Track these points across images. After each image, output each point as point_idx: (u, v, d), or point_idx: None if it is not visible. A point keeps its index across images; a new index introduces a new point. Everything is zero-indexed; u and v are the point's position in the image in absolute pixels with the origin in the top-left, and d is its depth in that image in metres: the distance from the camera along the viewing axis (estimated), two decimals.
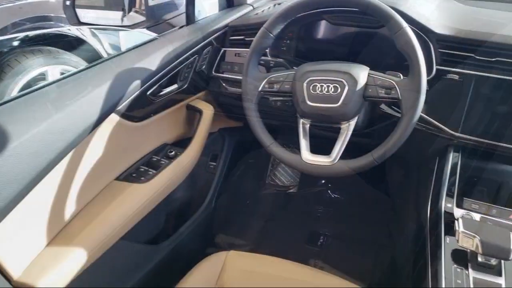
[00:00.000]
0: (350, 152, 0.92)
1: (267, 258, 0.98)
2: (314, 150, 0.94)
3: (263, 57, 1.05)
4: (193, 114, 1.29)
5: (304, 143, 0.94)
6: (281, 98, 1.00)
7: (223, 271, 0.95)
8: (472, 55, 0.95)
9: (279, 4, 1.30)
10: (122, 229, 0.96)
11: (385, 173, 1.76)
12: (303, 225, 1.70)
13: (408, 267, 1.11)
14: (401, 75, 0.89)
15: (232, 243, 1.61)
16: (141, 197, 1.01)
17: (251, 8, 1.39)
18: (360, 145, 1.01)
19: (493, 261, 0.79)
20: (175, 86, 1.14)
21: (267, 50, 1.12)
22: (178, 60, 1.11)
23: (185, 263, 1.03)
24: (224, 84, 1.28)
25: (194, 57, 1.17)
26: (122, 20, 1.40)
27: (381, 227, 1.65)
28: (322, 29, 1.15)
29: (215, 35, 1.23)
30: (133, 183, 1.02)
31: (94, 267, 0.90)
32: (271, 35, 0.94)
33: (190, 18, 1.24)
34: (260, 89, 0.96)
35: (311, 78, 0.90)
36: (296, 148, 1.78)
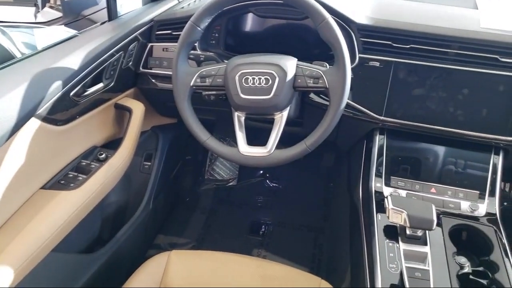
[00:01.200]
0: (285, 141, 0.95)
1: (210, 253, 0.98)
2: (251, 141, 0.95)
3: (192, 51, 1.03)
4: (123, 113, 1.23)
5: (240, 136, 0.95)
6: (214, 92, 0.99)
7: (166, 273, 0.93)
8: (390, 42, 1.02)
9: None
10: (52, 240, 0.89)
11: (318, 159, 1.84)
12: (244, 216, 1.72)
13: (345, 246, 1.17)
14: (327, 65, 0.92)
15: (174, 242, 1.58)
16: (71, 205, 0.95)
17: (176, 1, 1.36)
18: (294, 134, 1.04)
19: (420, 232, 0.86)
20: (100, 85, 1.08)
21: (196, 44, 1.11)
22: (102, 58, 1.05)
23: (125, 269, 0.99)
24: (153, 80, 1.24)
25: (119, 54, 1.12)
26: (35, 16, 1.29)
27: (318, 211, 1.73)
28: (250, 21, 1.16)
29: (140, 30, 1.18)
30: (61, 190, 0.95)
31: (23, 285, 0.83)
32: (199, 28, 0.93)
33: (112, 13, 1.18)
34: (191, 84, 0.95)
35: (242, 71, 0.90)
36: (233, 141, 1.80)
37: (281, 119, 0.93)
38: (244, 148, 0.93)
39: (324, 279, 0.91)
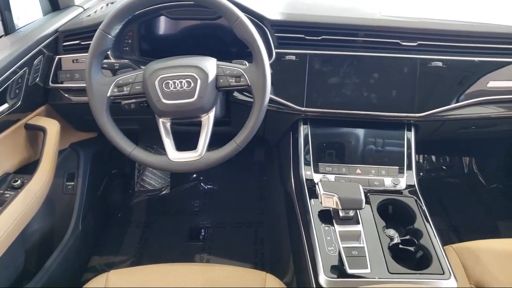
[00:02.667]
0: (216, 142, 0.94)
1: (150, 267, 0.94)
2: (180, 146, 0.93)
3: (105, 60, 0.98)
4: (36, 133, 1.13)
5: (168, 142, 0.92)
6: (134, 100, 0.95)
7: None
8: (303, 36, 1.06)
9: (112, 3, 1.22)
10: None
11: (250, 155, 1.86)
12: (182, 223, 1.68)
13: (285, 236, 1.20)
14: (246, 63, 0.93)
15: (111, 262, 1.49)
16: None
17: (81, 9, 1.28)
18: (223, 133, 1.04)
19: (351, 213, 0.92)
20: (5, 106, 0.98)
21: (109, 52, 1.05)
22: (3, 76, 0.95)
23: None
24: (66, 95, 1.16)
25: (23, 70, 1.02)
26: None
27: (255, 206, 1.75)
28: (163, 25, 1.13)
29: (44, 42, 1.09)
30: None
31: None
32: (110, 36, 0.89)
33: (8, 26, 1.08)
34: (108, 94, 0.90)
35: (161, 76, 0.88)
36: (161, 149, 1.75)
37: (208, 120, 0.93)
38: (173, 154, 0.91)
39: (269, 272, 0.92)
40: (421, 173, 1.96)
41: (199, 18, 1.09)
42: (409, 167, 1.09)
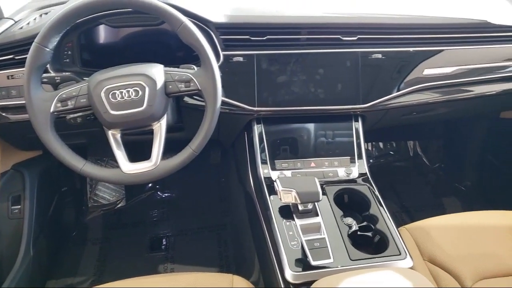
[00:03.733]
0: (171, 149, 0.93)
1: (112, 285, 0.91)
2: (134, 157, 0.91)
3: (45, 74, 0.92)
4: None
5: (120, 154, 0.90)
6: (80, 114, 0.91)
7: None
8: (248, 37, 1.07)
9: (46, 13, 1.16)
10: None
11: (206, 158, 1.85)
12: (142, 235, 1.64)
13: (248, 236, 1.21)
14: (194, 67, 0.93)
15: (69, 284, 1.43)
16: None
17: (12, 22, 1.20)
18: (178, 139, 1.03)
19: (310, 206, 0.94)
20: None
21: (48, 66, 1.00)
22: None
23: None
24: (3, 114, 1.08)
25: None
26: None
27: (215, 209, 1.74)
28: (104, 33, 1.09)
29: None
30: None
31: None
32: (47, 49, 0.84)
33: None
34: (51, 110, 0.85)
35: (107, 87, 0.85)
36: (112, 160, 1.69)
37: (160, 128, 0.91)
38: (126, 166, 0.88)
39: (236, 273, 0.93)
40: (371, 160, 2.06)
41: (141, 24, 1.07)
42: (360, 156, 1.14)
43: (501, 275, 0.98)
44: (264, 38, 1.08)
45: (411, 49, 1.14)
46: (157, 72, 0.88)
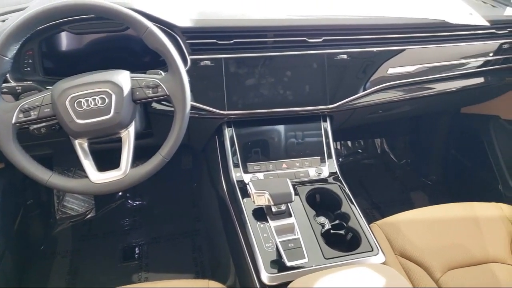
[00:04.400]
0: (141, 156, 0.92)
1: None
2: (103, 166, 0.89)
3: (4, 84, 0.89)
4: None
5: (88, 164, 0.87)
6: (44, 124, 0.88)
7: None
8: (215, 40, 1.07)
9: (3, 21, 1.11)
10: None
11: (177, 163, 1.83)
12: (113, 245, 1.60)
13: (222, 240, 1.21)
14: (162, 72, 0.92)
15: None
16: None
17: None
18: (147, 146, 1.01)
19: (283, 207, 0.95)
20: None
21: (8, 75, 0.96)
22: None
23: None
24: None
25: None
26: None
27: (188, 215, 1.73)
28: (66, 40, 1.06)
29: None
30: None
31: None
32: (6, 58, 0.81)
33: None
34: (13, 121, 0.82)
35: (72, 95, 0.83)
36: (80, 170, 1.64)
37: (128, 135, 0.89)
38: (95, 176, 0.86)
39: (211, 279, 0.92)
40: (340, 159, 2.10)
41: (105, 30, 1.04)
42: (330, 156, 1.16)
43: (467, 264, 1.03)
44: (231, 41, 1.08)
45: (374, 49, 1.17)
46: (124, 78, 0.87)
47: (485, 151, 1.65)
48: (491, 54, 1.34)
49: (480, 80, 1.35)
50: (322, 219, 0.99)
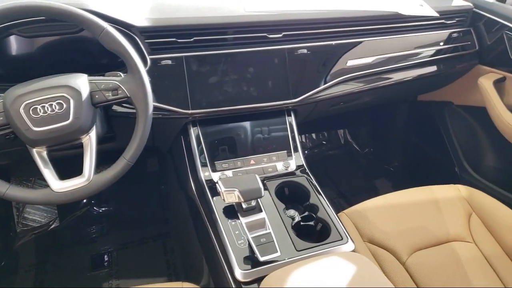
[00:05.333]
0: (105, 161, 0.89)
1: None
2: (65, 173, 0.85)
3: None
4: None
5: (48, 173, 0.84)
6: None
7: None
8: (175, 39, 1.05)
9: None
10: None
11: (142, 166, 1.79)
12: (81, 254, 1.55)
13: (194, 240, 1.20)
14: (121, 74, 0.89)
15: None
16: None
17: None
18: (110, 150, 0.99)
19: (253, 203, 0.95)
20: None
21: None
22: None
23: None
24: None
25: None
26: None
27: (158, 218, 1.70)
28: (16, 44, 1.00)
29: None
30: None
31: None
32: None
33: None
34: None
35: (27, 102, 0.79)
36: (41, 180, 1.57)
37: (90, 140, 0.87)
38: (57, 185, 0.83)
39: (185, 280, 0.91)
40: (306, 152, 2.13)
41: (58, 33, 1.00)
42: (296, 149, 1.18)
43: (430, 245, 1.08)
44: (191, 39, 1.07)
45: (333, 42, 1.19)
46: (81, 82, 0.84)
47: (442, 136, 1.73)
48: (441, 43, 1.40)
49: (434, 68, 1.42)
50: (292, 212, 1.00)
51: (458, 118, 1.67)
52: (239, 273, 0.85)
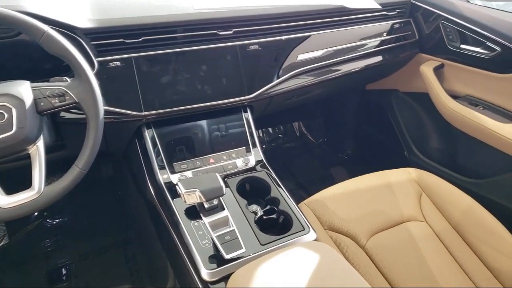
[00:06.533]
0: (56, 170, 0.85)
1: None
2: (12, 187, 0.80)
3: None
4: None
5: None
6: None
7: None
8: (122, 40, 1.02)
9: None
10: None
11: (96, 173, 1.73)
12: (35, 270, 1.47)
13: (157, 245, 1.18)
14: (67, 78, 0.85)
15: None
16: None
17: None
18: (61, 159, 0.94)
19: (215, 201, 0.95)
20: None
21: None
22: None
23: None
24: None
25: None
26: None
27: (117, 224, 1.65)
28: None
29: None
30: None
31: None
32: None
33: None
34: None
35: None
36: None
37: (37, 151, 0.82)
38: (4, 200, 0.78)
39: (150, 286, 0.90)
40: (264, 146, 2.15)
41: None
42: (254, 145, 1.19)
43: (387, 227, 1.13)
44: (140, 39, 1.04)
45: (283, 37, 1.21)
46: (23, 89, 0.79)
47: (390, 123, 1.81)
48: (385, 34, 1.47)
49: (379, 58, 1.48)
50: (254, 207, 1.01)
51: (404, 104, 1.76)
52: (205, 273, 0.85)
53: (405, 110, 1.76)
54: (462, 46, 1.39)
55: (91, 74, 0.84)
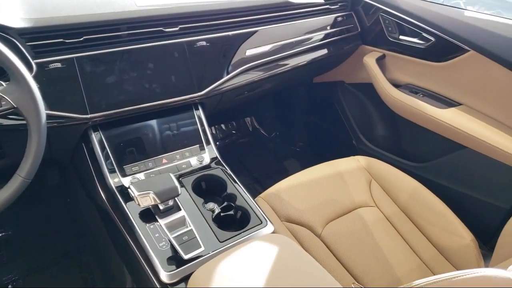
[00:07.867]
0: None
1: None
2: None
3: None
4: None
5: None
6: None
7: None
8: (62, 40, 0.97)
9: None
10: None
11: (42, 181, 1.63)
12: None
13: (111, 251, 1.14)
14: (2, 83, 0.80)
15: None
16: None
17: None
18: (3, 169, 0.88)
19: (171, 202, 0.93)
20: None
21: None
22: None
23: None
24: None
25: None
26: None
27: (68, 233, 1.57)
28: None
29: None
30: None
31: None
32: None
33: None
34: None
35: None
36: None
37: None
38: None
39: None
40: (217, 143, 2.14)
41: None
42: (208, 142, 1.18)
43: (341, 214, 1.17)
44: (81, 39, 0.99)
45: (230, 33, 1.21)
46: None
47: (338, 114, 1.88)
48: (329, 28, 1.51)
49: (324, 51, 1.52)
50: (211, 204, 1.01)
51: (350, 95, 1.82)
52: (164, 275, 0.83)
53: (352, 101, 1.83)
54: (401, 37, 1.47)
55: (29, 76, 0.79)
